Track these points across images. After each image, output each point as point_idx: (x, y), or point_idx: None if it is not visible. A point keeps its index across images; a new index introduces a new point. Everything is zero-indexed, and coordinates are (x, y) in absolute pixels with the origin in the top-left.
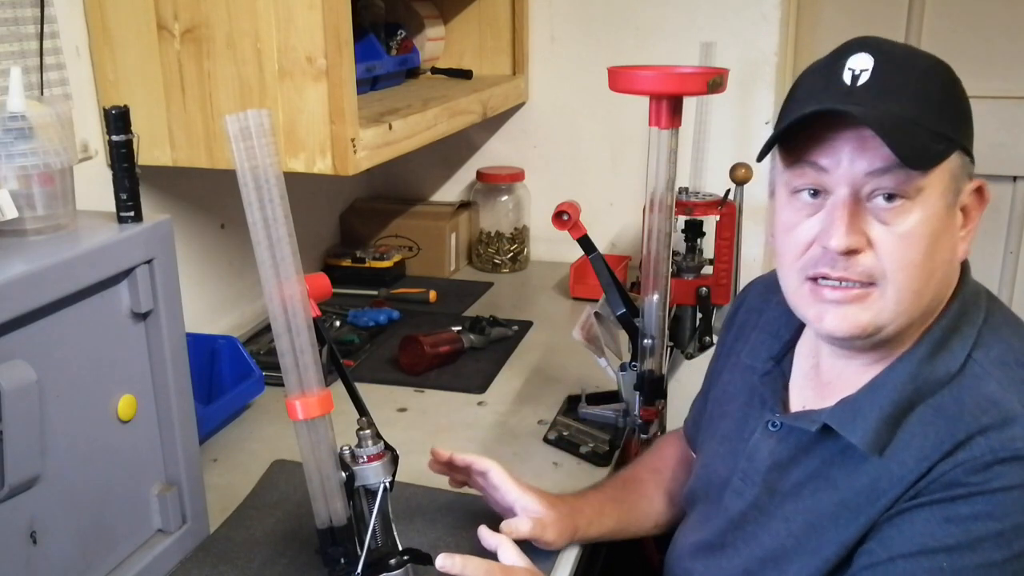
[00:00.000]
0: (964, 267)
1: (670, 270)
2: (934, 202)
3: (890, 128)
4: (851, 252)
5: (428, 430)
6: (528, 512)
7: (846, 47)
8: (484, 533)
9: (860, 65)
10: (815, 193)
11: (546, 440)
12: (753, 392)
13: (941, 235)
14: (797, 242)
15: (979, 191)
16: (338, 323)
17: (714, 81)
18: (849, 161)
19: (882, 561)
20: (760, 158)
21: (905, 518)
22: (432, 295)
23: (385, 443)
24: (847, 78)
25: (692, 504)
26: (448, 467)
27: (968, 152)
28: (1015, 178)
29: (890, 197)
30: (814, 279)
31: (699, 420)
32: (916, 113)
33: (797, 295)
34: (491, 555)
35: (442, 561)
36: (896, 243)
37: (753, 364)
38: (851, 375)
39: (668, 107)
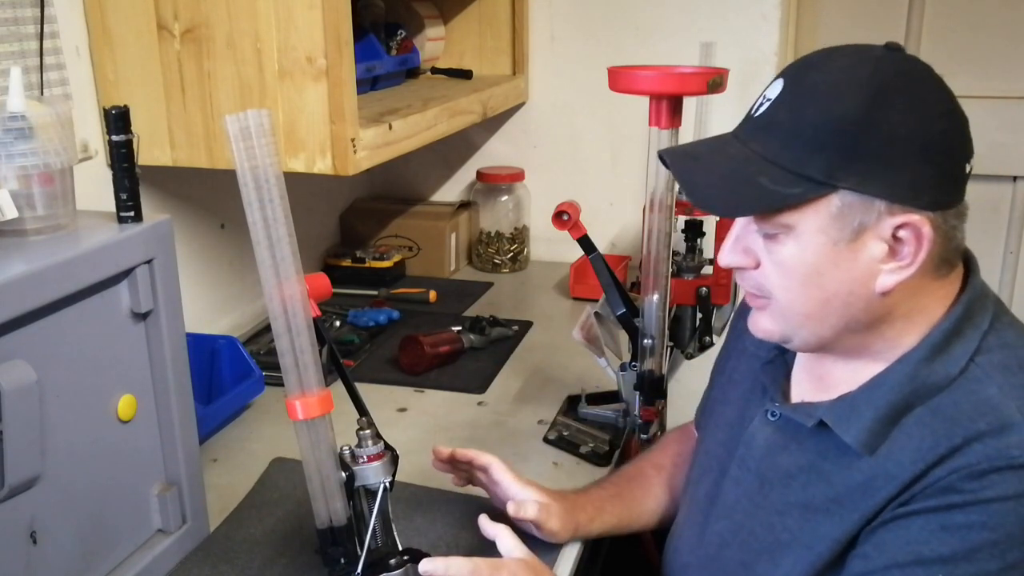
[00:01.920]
0: (971, 269)
1: (670, 270)
2: (812, 236)
3: (702, 178)
4: (739, 267)
5: (428, 430)
6: (527, 502)
7: (787, 67)
8: (484, 522)
9: (768, 94)
10: None
11: (546, 440)
12: (755, 380)
13: (828, 270)
14: None
15: (911, 227)
16: (338, 323)
17: (714, 81)
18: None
19: (878, 568)
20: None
21: (901, 524)
22: (432, 295)
23: (385, 443)
24: (755, 105)
25: (690, 489)
26: (451, 464)
27: (869, 190)
28: (1015, 178)
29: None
30: None
31: (705, 408)
32: (777, 154)
33: None
34: (492, 547)
35: (425, 566)
36: (774, 268)
37: (757, 352)
38: (849, 370)
39: (668, 107)
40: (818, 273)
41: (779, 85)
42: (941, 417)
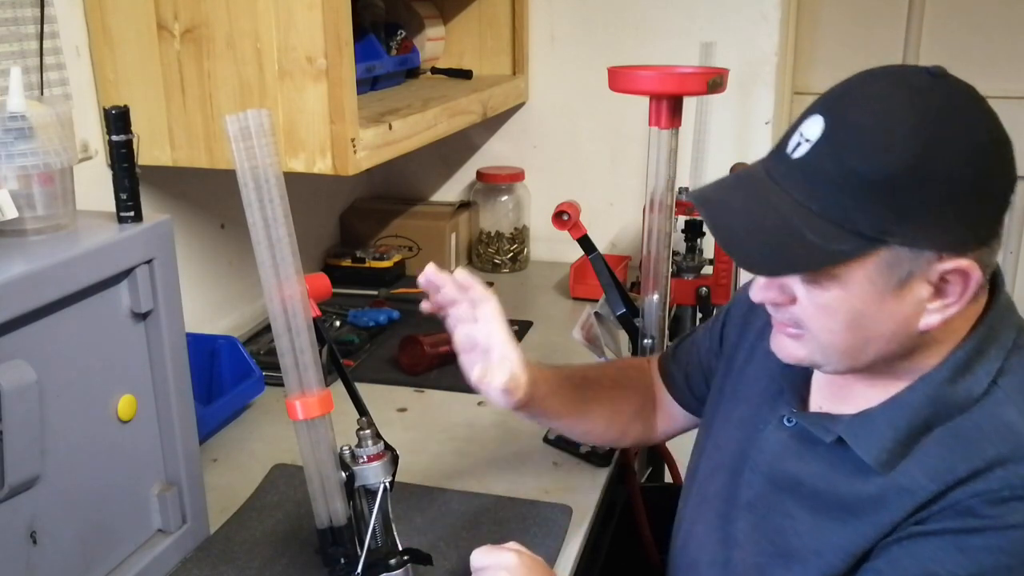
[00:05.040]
0: (996, 286)
1: (670, 270)
2: (857, 285)
3: (743, 237)
4: (773, 304)
5: (428, 430)
6: (506, 363)
7: (822, 98)
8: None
9: (808, 132)
10: None
11: (546, 440)
12: (773, 381)
13: (874, 313)
14: None
15: (959, 272)
16: (338, 323)
17: (714, 81)
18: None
19: None
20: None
21: (917, 542)
22: None
23: (385, 443)
24: (792, 143)
25: (698, 483)
26: (435, 285)
27: (920, 242)
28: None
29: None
30: None
31: (692, 375)
32: (823, 207)
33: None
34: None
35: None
36: (813, 310)
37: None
38: (872, 387)
39: (668, 107)
40: (862, 317)
41: (818, 124)
42: (962, 439)
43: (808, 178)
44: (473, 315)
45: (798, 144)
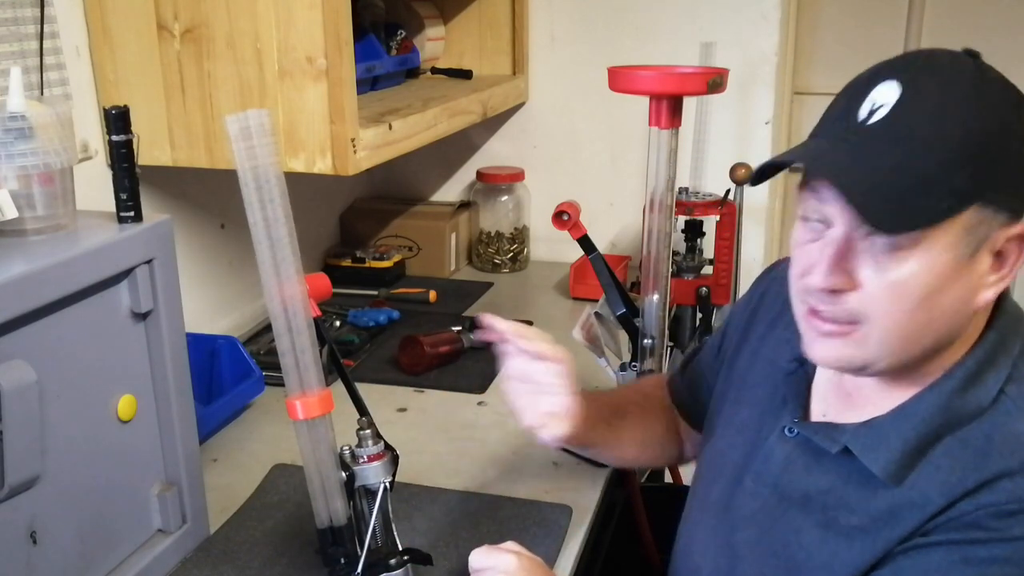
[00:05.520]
0: (1003, 294)
1: (670, 270)
2: (938, 253)
3: (865, 190)
4: (835, 291)
5: (428, 430)
6: (564, 415)
7: (883, 67)
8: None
9: (882, 98)
10: (819, 220)
11: None
12: (775, 389)
13: (945, 287)
14: (800, 262)
15: (1019, 237)
16: (338, 323)
17: (714, 81)
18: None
19: None
20: (754, 183)
21: (922, 553)
22: (432, 295)
23: (385, 443)
24: (863, 111)
25: (701, 489)
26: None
27: (1002, 202)
28: None
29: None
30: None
31: (696, 392)
32: (920, 166)
33: (798, 314)
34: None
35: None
36: (885, 290)
37: (776, 359)
38: (876, 392)
39: (668, 107)
40: (935, 293)
41: (894, 89)
42: (971, 450)
43: (898, 137)
44: (535, 353)
45: (872, 111)
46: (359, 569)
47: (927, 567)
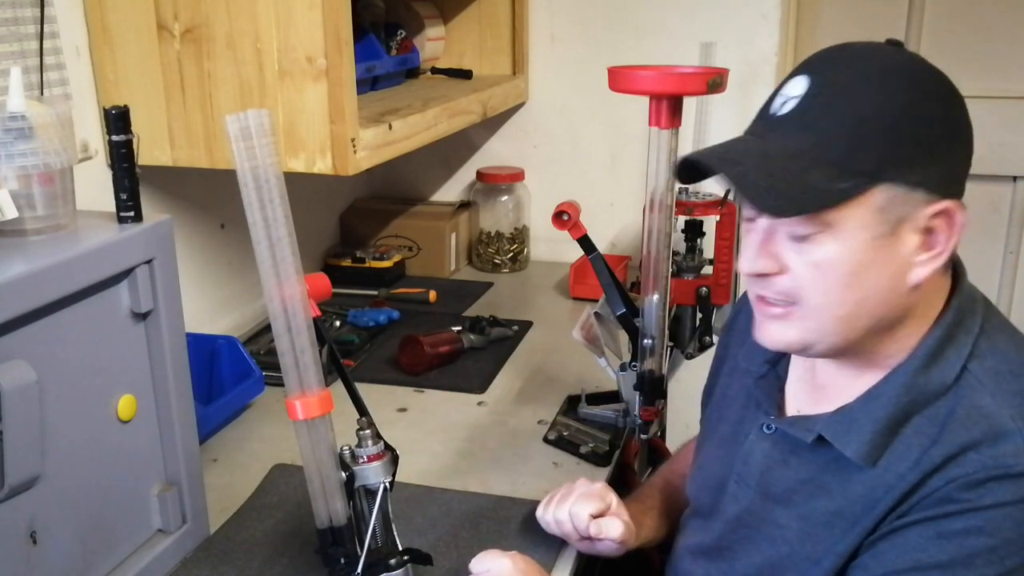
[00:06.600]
0: (958, 273)
1: (670, 270)
2: (852, 233)
3: (755, 178)
4: (764, 274)
5: (428, 430)
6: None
7: (801, 64)
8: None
9: (791, 92)
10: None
11: (546, 440)
12: (749, 396)
13: (869, 265)
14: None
15: (945, 214)
16: (338, 323)
17: (714, 81)
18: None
19: None
20: (683, 181)
21: (899, 534)
22: (432, 295)
23: (385, 443)
24: (776, 105)
25: (691, 507)
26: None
27: (912, 181)
28: (1015, 178)
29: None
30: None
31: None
32: (819, 151)
33: (752, 305)
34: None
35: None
36: (809, 271)
37: (749, 367)
38: (845, 381)
39: (668, 107)
40: (858, 271)
41: (802, 82)
42: (937, 426)
43: (799, 127)
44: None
45: (784, 103)
46: (359, 569)
47: (905, 546)
